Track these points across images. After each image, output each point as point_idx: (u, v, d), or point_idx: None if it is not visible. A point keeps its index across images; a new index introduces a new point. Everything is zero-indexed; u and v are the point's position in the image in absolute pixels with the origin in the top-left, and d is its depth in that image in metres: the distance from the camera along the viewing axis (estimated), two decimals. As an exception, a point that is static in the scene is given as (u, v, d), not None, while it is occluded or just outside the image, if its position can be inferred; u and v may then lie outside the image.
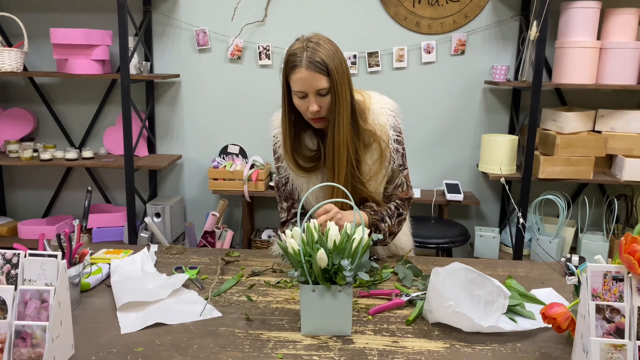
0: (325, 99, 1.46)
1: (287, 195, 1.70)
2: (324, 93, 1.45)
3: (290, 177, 1.65)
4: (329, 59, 1.42)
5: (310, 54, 1.42)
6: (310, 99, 1.45)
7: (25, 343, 1.02)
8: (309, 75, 1.41)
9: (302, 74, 1.42)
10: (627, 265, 1.00)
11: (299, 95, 1.46)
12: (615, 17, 2.77)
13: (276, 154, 1.67)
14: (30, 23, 3.11)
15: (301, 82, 1.43)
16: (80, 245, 1.37)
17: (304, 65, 1.41)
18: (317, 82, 1.42)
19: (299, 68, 1.42)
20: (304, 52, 1.42)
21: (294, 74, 1.43)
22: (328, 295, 1.19)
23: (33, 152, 3.08)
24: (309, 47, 1.43)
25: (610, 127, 2.90)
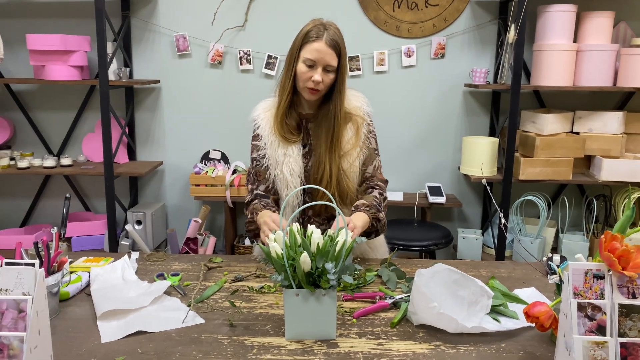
0: (328, 75, 1.62)
1: (254, 178, 1.79)
2: (330, 70, 1.61)
3: (267, 153, 1.73)
4: (342, 44, 1.64)
5: (332, 34, 1.61)
6: (317, 70, 1.60)
7: (2, 354, 1.00)
8: (326, 49, 1.59)
9: (321, 46, 1.59)
10: (608, 263, 1.01)
11: (308, 64, 1.60)
12: (591, 20, 2.82)
13: (255, 134, 1.78)
14: (5, 29, 3.06)
15: (317, 53, 1.59)
16: (58, 254, 1.34)
17: (325, 40, 1.59)
18: (329, 58, 1.59)
19: (320, 40, 1.59)
20: (325, 30, 1.61)
21: (313, 43, 1.59)
22: (312, 299, 1.19)
23: (10, 160, 3.02)
24: (330, 28, 1.62)
25: (588, 128, 2.95)
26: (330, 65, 1.60)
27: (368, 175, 1.75)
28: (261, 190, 1.76)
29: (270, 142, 1.73)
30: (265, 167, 1.75)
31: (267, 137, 1.74)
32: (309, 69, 1.61)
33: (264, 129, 1.75)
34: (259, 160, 1.77)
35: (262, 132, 1.75)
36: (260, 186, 1.77)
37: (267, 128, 1.74)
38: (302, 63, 1.61)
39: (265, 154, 1.74)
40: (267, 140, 1.74)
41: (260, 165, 1.77)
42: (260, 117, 1.77)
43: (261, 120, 1.77)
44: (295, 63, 1.63)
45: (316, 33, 1.60)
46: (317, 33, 1.60)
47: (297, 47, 1.63)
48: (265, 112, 1.77)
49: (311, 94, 1.64)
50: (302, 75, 1.62)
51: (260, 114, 1.78)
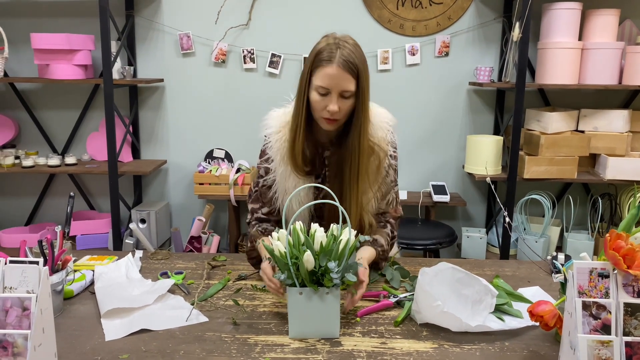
0: (346, 102, 1.40)
1: (257, 197, 1.63)
2: (347, 96, 1.39)
3: (277, 180, 1.56)
4: (361, 63, 1.39)
5: (347, 53, 1.37)
6: (332, 98, 1.38)
7: (7, 352, 1.00)
8: (339, 73, 1.36)
9: (333, 70, 1.36)
10: (613, 262, 1.01)
11: (321, 92, 1.39)
12: (596, 18, 2.81)
13: (265, 155, 1.59)
14: (10, 28, 3.07)
15: (329, 79, 1.37)
16: (62, 252, 1.34)
17: (337, 62, 1.36)
18: (345, 83, 1.37)
19: (331, 64, 1.36)
20: (337, 49, 1.37)
21: (324, 68, 1.37)
22: (315, 297, 1.18)
23: (15, 159, 3.03)
24: (344, 45, 1.38)
25: (593, 127, 2.94)
26: (347, 90, 1.38)
27: (381, 210, 1.60)
28: (263, 212, 1.61)
29: (281, 171, 1.54)
30: (274, 191, 1.58)
31: (278, 163, 1.54)
32: (323, 97, 1.39)
33: (275, 152, 1.54)
34: (267, 182, 1.59)
35: (273, 156, 1.55)
36: (264, 208, 1.61)
37: (279, 154, 1.53)
38: (314, 91, 1.40)
39: (275, 179, 1.56)
40: (278, 165, 1.54)
41: (266, 187, 1.60)
42: (273, 138, 1.55)
43: (274, 142, 1.55)
44: (307, 90, 1.42)
45: (328, 55, 1.37)
46: (329, 55, 1.37)
47: (307, 71, 1.41)
48: (278, 132, 1.55)
49: (329, 124, 1.43)
50: (316, 105, 1.41)
51: (273, 133, 1.55)
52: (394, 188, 1.62)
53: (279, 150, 1.53)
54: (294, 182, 1.53)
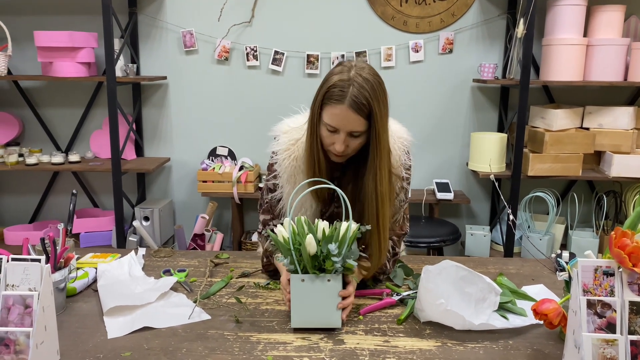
0: (355, 140, 1.34)
1: (268, 209, 1.58)
2: (357, 135, 1.33)
3: (283, 197, 1.52)
4: (374, 100, 1.29)
5: (357, 92, 1.27)
6: (339, 137, 1.32)
7: (9, 350, 1.00)
8: (348, 114, 1.28)
9: (342, 110, 1.28)
10: (618, 260, 1.00)
11: (329, 129, 1.33)
12: (601, 14, 2.79)
13: (274, 172, 1.52)
14: (14, 26, 3.07)
15: (337, 119, 1.30)
16: (65, 250, 1.34)
17: (347, 103, 1.28)
18: (354, 124, 1.30)
19: (340, 104, 1.28)
20: (350, 86, 1.28)
21: (333, 107, 1.30)
22: (317, 284, 1.19)
23: (19, 156, 3.04)
24: (357, 82, 1.28)
25: (598, 124, 2.92)
26: (355, 131, 1.31)
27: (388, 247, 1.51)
28: (275, 224, 1.52)
29: (288, 190, 1.48)
30: (281, 206, 1.53)
31: (286, 181, 1.49)
32: (331, 134, 1.33)
33: (283, 171, 1.48)
34: (275, 197, 1.55)
35: (281, 173, 1.49)
36: (274, 220, 1.56)
37: (287, 172, 1.48)
38: (323, 127, 1.34)
39: (282, 197, 1.52)
40: (285, 184, 1.49)
41: (276, 200, 1.55)
42: (281, 157, 1.48)
43: (281, 161, 1.48)
44: (317, 123, 1.35)
45: (339, 92, 1.28)
46: (339, 92, 1.28)
47: (318, 105, 1.33)
48: (287, 149, 1.48)
49: (337, 158, 1.39)
50: (324, 140, 1.36)
51: (282, 150, 1.48)
52: (403, 206, 1.56)
53: (287, 168, 1.48)
54: (301, 202, 1.47)
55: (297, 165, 1.46)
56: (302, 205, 1.47)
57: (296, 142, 1.47)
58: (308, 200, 1.48)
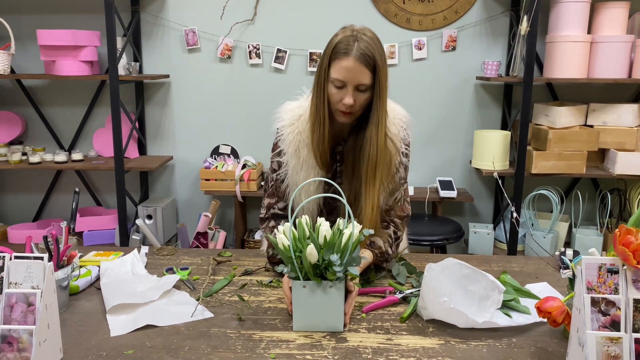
0: (362, 95, 1.40)
1: (273, 192, 1.61)
2: (363, 89, 1.39)
3: (289, 173, 1.55)
4: (378, 55, 1.37)
5: (364, 46, 1.35)
6: (347, 91, 1.38)
7: (12, 347, 1.00)
8: (356, 66, 1.35)
9: (350, 63, 1.35)
10: (622, 257, 0.99)
11: (337, 84, 1.39)
12: (606, 11, 2.77)
13: (278, 148, 1.57)
14: (16, 25, 3.07)
15: (345, 72, 1.36)
16: (68, 248, 1.34)
17: (354, 55, 1.35)
18: (361, 76, 1.36)
19: (348, 57, 1.35)
20: (355, 41, 1.36)
21: (340, 61, 1.36)
22: (319, 291, 1.18)
23: (22, 155, 3.05)
24: (361, 38, 1.37)
25: (602, 121, 2.91)
26: (362, 84, 1.37)
27: (387, 207, 1.57)
28: (279, 207, 1.60)
29: (293, 164, 1.53)
30: (286, 185, 1.58)
31: (290, 156, 1.53)
32: (339, 90, 1.39)
33: (288, 145, 1.53)
34: (280, 175, 1.58)
35: (286, 148, 1.54)
36: (279, 203, 1.60)
37: (292, 147, 1.53)
38: (331, 84, 1.39)
39: (287, 172, 1.56)
40: (290, 160, 1.53)
41: (280, 181, 1.58)
42: (286, 131, 1.54)
43: (286, 135, 1.54)
44: (325, 83, 1.41)
45: (345, 47, 1.36)
46: (345, 47, 1.36)
47: (325, 64, 1.40)
48: (291, 124, 1.54)
49: (344, 116, 1.43)
50: (332, 97, 1.41)
51: (286, 125, 1.54)
52: (403, 185, 1.60)
53: (291, 143, 1.52)
54: (305, 175, 1.52)
55: (301, 139, 1.51)
56: (307, 179, 1.49)
57: (300, 118, 1.53)
58: (312, 174, 1.52)
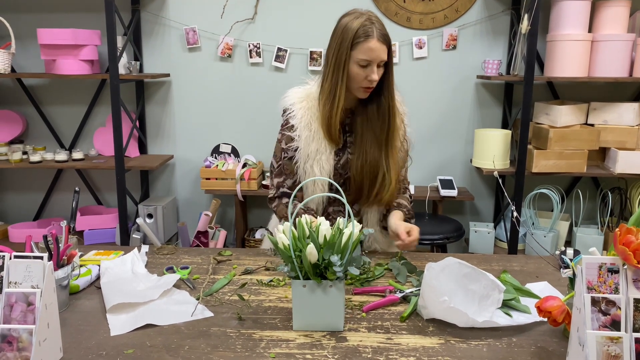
0: (380, 70, 1.57)
1: (281, 170, 1.72)
2: (382, 65, 1.57)
3: (300, 146, 1.67)
4: (388, 35, 1.57)
5: (380, 27, 1.54)
6: (372, 69, 1.54)
7: (12, 347, 1.00)
8: (379, 46, 1.53)
9: (374, 44, 1.52)
10: (623, 257, 0.99)
11: (362, 64, 1.54)
12: (607, 10, 2.77)
13: (288, 124, 1.70)
14: (16, 24, 3.07)
15: (371, 52, 1.52)
16: (68, 247, 1.34)
17: (376, 37, 1.52)
18: (383, 54, 1.54)
19: (372, 39, 1.52)
20: (373, 25, 1.54)
21: (366, 43, 1.52)
22: (319, 290, 1.18)
23: (22, 154, 3.05)
24: (375, 21, 1.55)
25: (603, 120, 2.90)
26: (383, 60, 1.56)
27: (401, 177, 1.77)
28: (288, 185, 1.71)
29: (305, 135, 1.66)
30: (296, 160, 1.69)
31: (302, 129, 1.66)
32: (364, 69, 1.55)
33: (299, 120, 1.67)
34: (289, 152, 1.70)
35: (297, 123, 1.67)
36: (288, 181, 1.71)
37: (303, 120, 1.66)
38: (355, 64, 1.55)
39: (298, 146, 1.67)
40: (302, 132, 1.66)
41: (290, 158, 1.70)
42: (296, 107, 1.69)
43: (297, 111, 1.68)
44: (346, 65, 1.56)
45: (365, 31, 1.53)
46: (366, 31, 1.53)
47: (347, 47, 1.54)
48: (301, 101, 1.69)
49: (365, 92, 1.60)
50: (356, 77, 1.57)
51: (296, 103, 1.69)
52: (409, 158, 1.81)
53: (303, 117, 1.67)
54: (316, 146, 1.66)
55: (312, 114, 1.67)
56: (318, 151, 1.66)
57: (308, 97, 1.69)
58: (322, 146, 1.66)
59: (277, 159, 1.73)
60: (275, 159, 1.74)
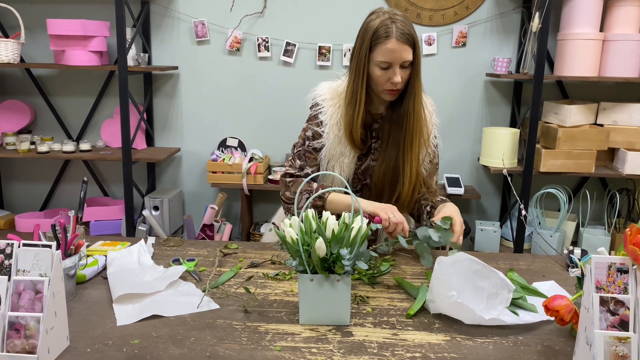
0: (405, 71, 1.51)
1: (303, 156, 1.68)
2: (406, 66, 1.50)
3: (326, 146, 1.64)
4: (414, 33, 1.49)
5: (401, 26, 1.47)
6: (395, 70, 1.49)
7: (19, 334, 1.00)
8: (399, 46, 1.46)
9: (393, 44, 1.46)
10: (632, 257, 0.98)
11: (383, 66, 1.49)
12: (619, 9, 2.74)
13: (317, 119, 1.66)
14: (27, 14, 3.08)
15: (390, 53, 1.47)
16: (75, 237, 1.35)
17: (395, 37, 1.46)
18: (405, 54, 1.48)
19: (391, 39, 1.46)
20: (393, 23, 1.47)
21: (385, 44, 1.47)
22: (327, 284, 1.18)
23: (30, 144, 3.06)
24: (397, 19, 1.48)
25: (613, 120, 2.88)
26: (406, 61, 1.49)
27: (433, 189, 1.74)
28: (308, 172, 1.68)
29: (334, 135, 1.63)
30: (321, 156, 1.67)
31: (331, 127, 1.63)
32: (385, 71, 1.50)
33: (329, 118, 1.63)
34: (314, 144, 1.67)
35: (326, 120, 1.64)
36: (307, 168, 1.67)
37: (333, 119, 1.63)
38: (376, 67, 1.50)
39: (324, 144, 1.65)
40: (330, 131, 1.63)
41: (312, 149, 1.67)
42: (327, 104, 1.64)
43: (328, 108, 1.64)
44: (366, 67, 1.51)
45: (385, 31, 1.46)
46: (386, 31, 1.46)
47: (366, 49, 1.49)
48: (332, 98, 1.65)
49: (391, 94, 1.55)
50: (378, 79, 1.52)
51: (327, 99, 1.65)
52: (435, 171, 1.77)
53: (332, 115, 1.63)
54: (341, 148, 1.63)
55: (341, 113, 1.62)
56: (342, 153, 1.63)
57: (340, 95, 1.64)
58: (347, 149, 1.63)
59: (300, 145, 1.70)
60: (298, 144, 1.71)
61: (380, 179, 1.64)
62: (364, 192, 1.72)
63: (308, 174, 1.66)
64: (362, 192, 1.72)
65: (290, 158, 1.72)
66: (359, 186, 1.71)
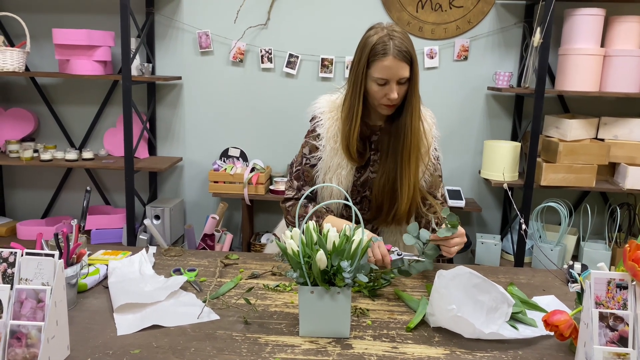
0: (402, 87, 1.53)
1: (299, 175, 1.72)
2: (403, 82, 1.52)
3: (323, 157, 1.66)
4: (412, 50, 1.51)
5: (398, 43, 1.48)
6: (391, 87, 1.51)
7: (20, 343, 1.01)
8: (396, 64, 1.48)
9: (390, 62, 1.48)
10: (632, 273, 0.99)
11: (380, 82, 1.51)
12: (620, 25, 2.76)
13: (315, 132, 1.69)
14: (32, 23, 3.11)
15: (387, 70, 1.49)
16: (78, 246, 1.35)
17: (393, 54, 1.48)
18: (402, 71, 1.49)
19: (388, 56, 1.48)
20: (391, 40, 1.48)
21: (381, 61, 1.48)
22: (327, 296, 1.18)
23: (33, 152, 3.07)
24: (395, 36, 1.49)
25: (613, 135, 2.89)
26: (403, 77, 1.51)
27: (439, 201, 1.77)
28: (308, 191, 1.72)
29: (330, 147, 1.65)
30: (317, 170, 1.69)
31: (328, 140, 1.65)
32: (382, 87, 1.52)
33: (326, 130, 1.65)
34: (311, 160, 1.70)
35: (324, 133, 1.66)
36: (306, 187, 1.71)
37: (330, 131, 1.65)
38: (373, 82, 1.52)
39: (321, 157, 1.67)
40: (327, 143, 1.65)
41: (309, 166, 1.70)
42: (325, 117, 1.67)
43: (326, 121, 1.66)
44: (363, 82, 1.54)
45: (382, 48, 1.48)
46: (383, 47, 1.48)
47: (363, 65, 1.52)
48: (330, 111, 1.67)
49: (388, 109, 1.58)
50: (375, 94, 1.54)
51: (326, 112, 1.68)
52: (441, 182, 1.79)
53: (330, 128, 1.65)
54: (338, 160, 1.65)
55: (339, 126, 1.64)
56: (339, 165, 1.65)
57: (338, 108, 1.66)
58: (344, 161, 1.64)
59: (297, 163, 1.73)
60: (296, 163, 1.74)
61: (380, 191, 1.65)
62: (364, 204, 1.73)
63: (307, 196, 1.69)
64: (362, 205, 1.73)
65: (287, 180, 1.77)
66: (358, 198, 1.72)
